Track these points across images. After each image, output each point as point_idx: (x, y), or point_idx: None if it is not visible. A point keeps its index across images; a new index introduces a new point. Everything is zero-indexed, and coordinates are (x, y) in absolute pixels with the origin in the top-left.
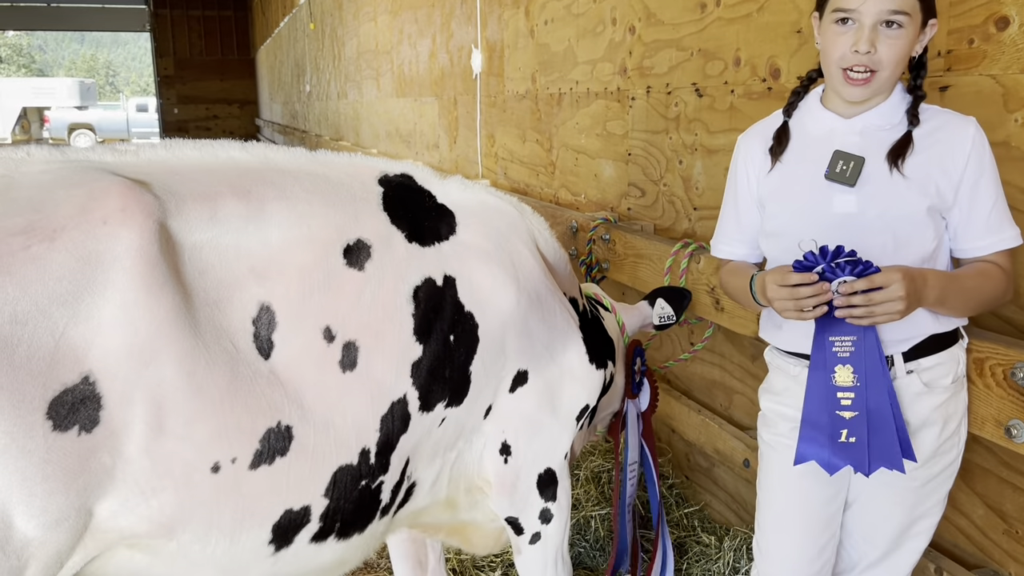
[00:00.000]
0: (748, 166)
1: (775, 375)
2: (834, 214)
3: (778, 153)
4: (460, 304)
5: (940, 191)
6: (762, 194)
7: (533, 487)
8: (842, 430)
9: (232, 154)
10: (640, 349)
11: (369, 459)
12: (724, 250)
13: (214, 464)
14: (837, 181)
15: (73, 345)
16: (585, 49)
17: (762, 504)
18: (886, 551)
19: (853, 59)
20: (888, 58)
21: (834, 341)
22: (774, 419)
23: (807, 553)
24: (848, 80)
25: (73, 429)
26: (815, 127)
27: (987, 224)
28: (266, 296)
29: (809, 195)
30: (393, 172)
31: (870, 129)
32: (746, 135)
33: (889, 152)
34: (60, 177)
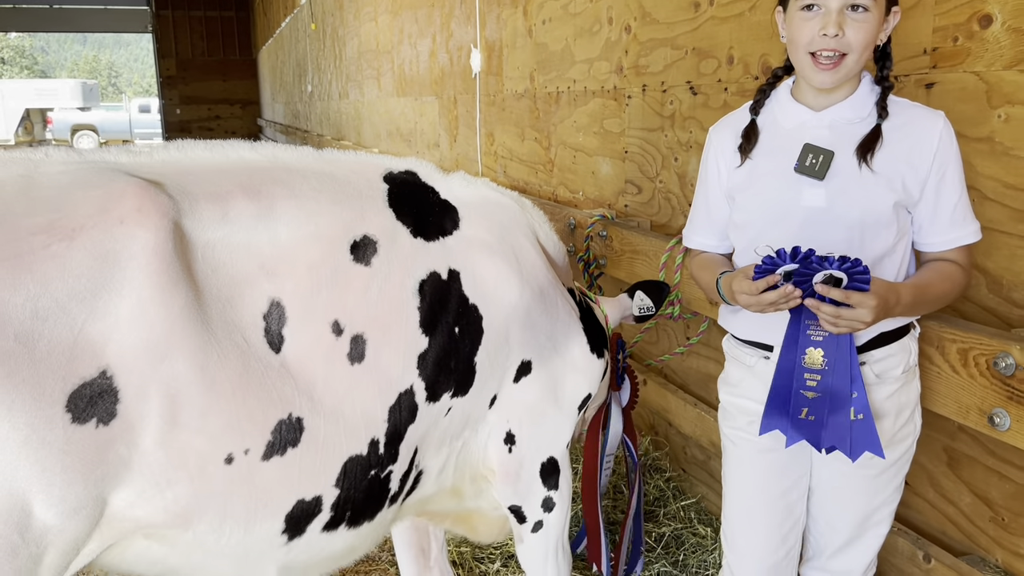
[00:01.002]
0: (719, 158)
1: (731, 365)
2: (803, 207)
3: (747, 150)
4: (465, 297)
5: (907, 186)
6: (732, 186)
7: (536, 476)
8: (803, 408)
9: (242, 154)
10: (622, 342)
11: (378, 449)
12: (695, 240)
13: (227, 456)
14: (806, 174)
15: (91, 340)
16: (582, 48)
17: (726, 496)
18: (849, 537)
19: (821, 43)
20: (856, 41)
21: (810, 324)
22: (733, 412)
23: (771, 542)
24: (818, 65)
25: (91, 422)
26: (785, 120)
27: (952, 219)
28: (276, 292)
29: (778, 188)
30: (398, 169)
31: (839, 122)
32: (717, 127)
33: (858, 147)
34: (78, 178)
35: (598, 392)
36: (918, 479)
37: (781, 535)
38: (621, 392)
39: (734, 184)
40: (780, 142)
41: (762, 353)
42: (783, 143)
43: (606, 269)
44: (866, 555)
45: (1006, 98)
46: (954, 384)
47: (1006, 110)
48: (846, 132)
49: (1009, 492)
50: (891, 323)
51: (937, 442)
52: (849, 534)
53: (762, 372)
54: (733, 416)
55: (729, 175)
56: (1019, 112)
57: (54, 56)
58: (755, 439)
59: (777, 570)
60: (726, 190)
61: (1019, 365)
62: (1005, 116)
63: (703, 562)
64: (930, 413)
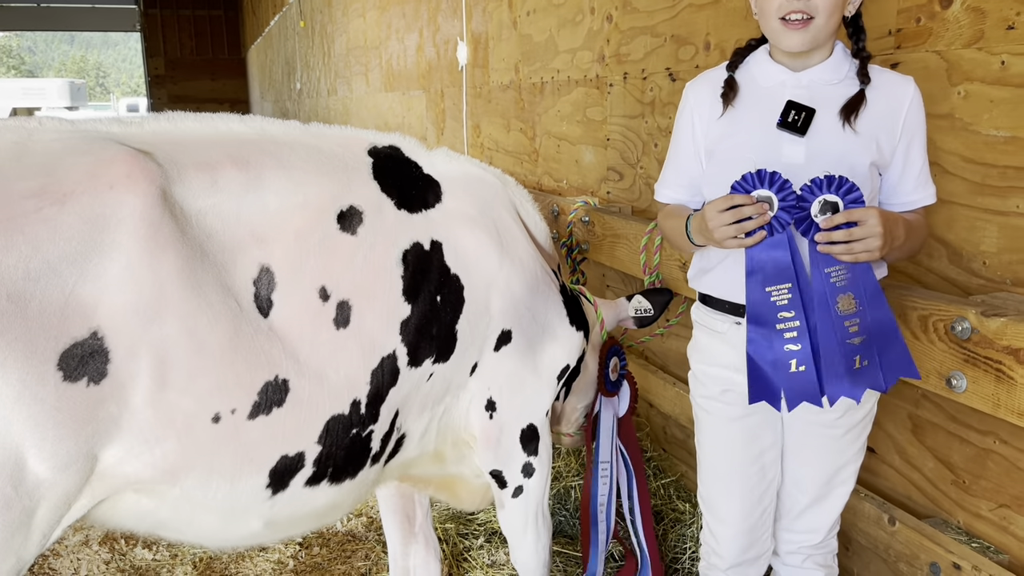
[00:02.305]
0: (694, 112)
1: (701, 333)
2: (782, 163)
3: (730, 99)
4: (446, 267)
5: (881, 147)
6: (710, 140)
7: (516, 441)
8: (855, 357)
9: (231, 126)
10: (617, 349)
11: (360, 409)
12: (665, 194)
13: (215, 415)
14: (788, 130)
15: (82, 302)
16: (565, 38)
17: (701, 463)
18: (815, 497)
19: (789, 6)
20: (822, 4)
21: (829, 273)
22: (704, 380)
23: (748, 504)
24: (787, 26)
25: (82, 380)
26: (764, 79)
27: (918, 179)
28: (266, 258)
29: (759, 142)
30: (382, 144)
31: (817, 84)
32: (693, 83)
33: (843, 108)
34: (70, 145)
35: (584, 391)
36: (884, 446)
37: (757, 496)
38: (619, 398)
39: (712, 137)
40: (760, 98)
41: (733, 318)
42: (763, 99)
43: (588, 254)
44: (831, 514)
45: (965, 75)
46: (916, 350)
47: (965, 87)
48: (824, 93)
49: (969, 455)
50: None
51: (902, 410)
52: (815, 493)
53: (734, 338)
54: (704, 384)
55: (707, 129)
56: (977, 89)
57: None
58: (728, 407)
59: (754, 530)
60: (703, 145)
61: (974, 329)
62: (964, 93)
63: (681, 536)
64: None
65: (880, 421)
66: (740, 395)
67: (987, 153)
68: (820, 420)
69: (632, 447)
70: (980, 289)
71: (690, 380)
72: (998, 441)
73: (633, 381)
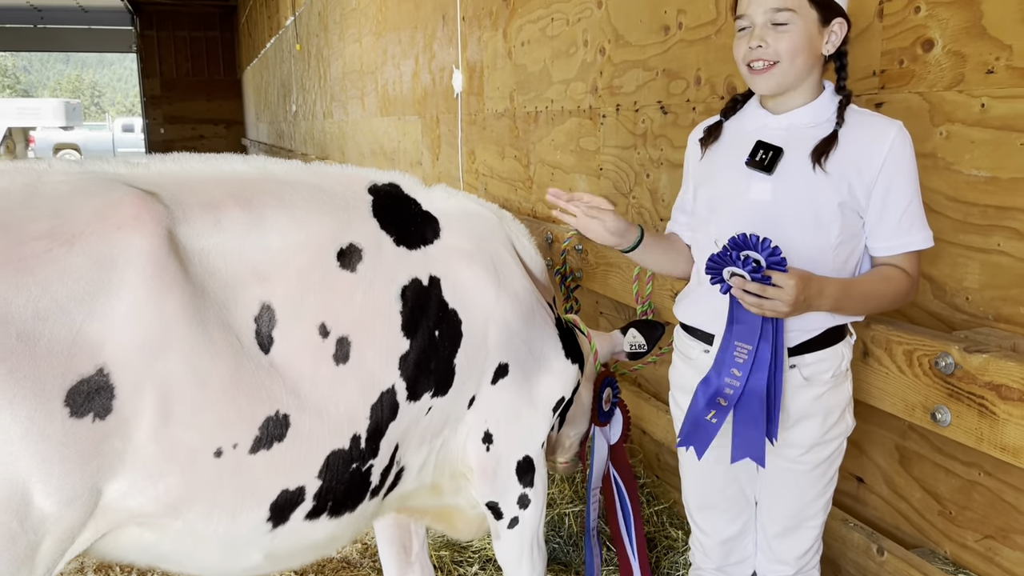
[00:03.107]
0: (692, 155)
1: (677, 358)
2: (750, 200)
3: (708, 143)
4: (444, 302)
5: (852, 190)
6: (696, 182)
7: (512, 473)
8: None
9: (235, 166)
10: (611, 380)
11: (360, 444)
12: (670, 225)
13: (217, 449)
14: (756, 168)
15: (89, 339)
16: (559, 69)
17: (683, 480)
18: (784, 528)
19: (750, 55)
20: (782, 48)
21: (737, 345)
22: (682, 404)
23: (725, 517)
24: (752, 72)
25: (88, 416)
26: (748, 123)
27: (898, 226)
28: (267, 296)
29: (730, 181)
30: (381, 182)
31: (796, 126)
32: (696, 129)
33: (813, 150)
34: (79, 186)
35: (577, 421)
36: (873, 476)
37: (736, 512)
38: (611, 427)
39: (697, 179)
40: (740, 140)
41: (703, 345)
42: (741, 142)
43: (582, 282)
44: (803, 543)
45: (946, 117)
46: (901, 383)
47: (947, 128)
48: (801, 135)
49: (955, 486)
50: (823, 322)
51: (889, 441)
52: (784, 524)
53: (701, 365)
54: (681, 409)
55: (695, 170)
56: (958, 130)
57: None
58: None
59: (736, 539)
60: (693, 185)
61: (958, 364)
62: (946, 133)
63: (674, 563)
64: (882, 412)
65: (867, 451)
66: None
67: (969, 192)
68: (785, 455)
69: (626, 473)
70: (963, 324)
71: (671, 404)
72: (982, 473)
73: (625, 408)
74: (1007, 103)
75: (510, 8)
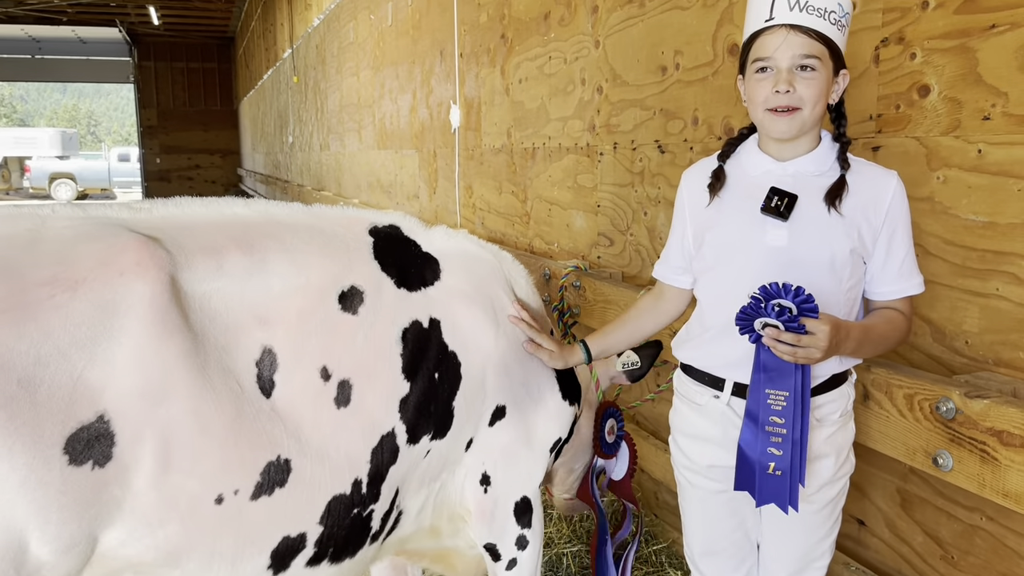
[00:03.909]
0: (691, 199)
1: (681, 403)
2: (766, 247)
3: (716, 189)
4: (444, 344)
5: (862, 236)
6: (698, 227)
7: (510, 515)
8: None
9: (236, 210)
10: (614, 411)
11: (361, 489)
12: (659, 271)
13: (218, 496)
14: (771, 215)
15: (90, 386)
16: (557, 107)
17: (686, 525)
18: (792, 570)
19: (775, 100)
20: (807, 95)
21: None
22: (689, 453)
23: (730, 564)
24: (773, 115)
25: (88, 463)
26: (752, 168)
27: (900, 271)
28: (268, 339)
29: (745, 227)
30: (382, 223)
31: (802, 174)
32: (690, 171)
33: (826, 194)
34: (82, 232)
35: (578, 453)
36: (874, 519)
37: (740, 559)
38: (617, 459)
39: (701, 223)
40: (746, 186)
41: (712, 391)
42: (749, 188)
43: (579, 318)
44: None
45: (943, 161)
46: (901, 427)
47: (944, 172)
48: (809, 183)
49: (957, 531)
50: (834, 366)
51: (891, 484)
52: (792, 567)
53: (712, 412)
54: (689, 458)
55: (697, 215)
56: (955, 175)
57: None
58: (713, 482)
59: None
60: (693, 230)
61: (959, 409)
62: (943, 178)
63: None
64: (883, 455)
65: (868, 494)
66: (725, 471)
67: (967, 236)
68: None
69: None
70: (964, 368)
71: (672, 448)
72: (984, 518)
73: (632, 442)
74: (1004, 149)
75: (508, 45)
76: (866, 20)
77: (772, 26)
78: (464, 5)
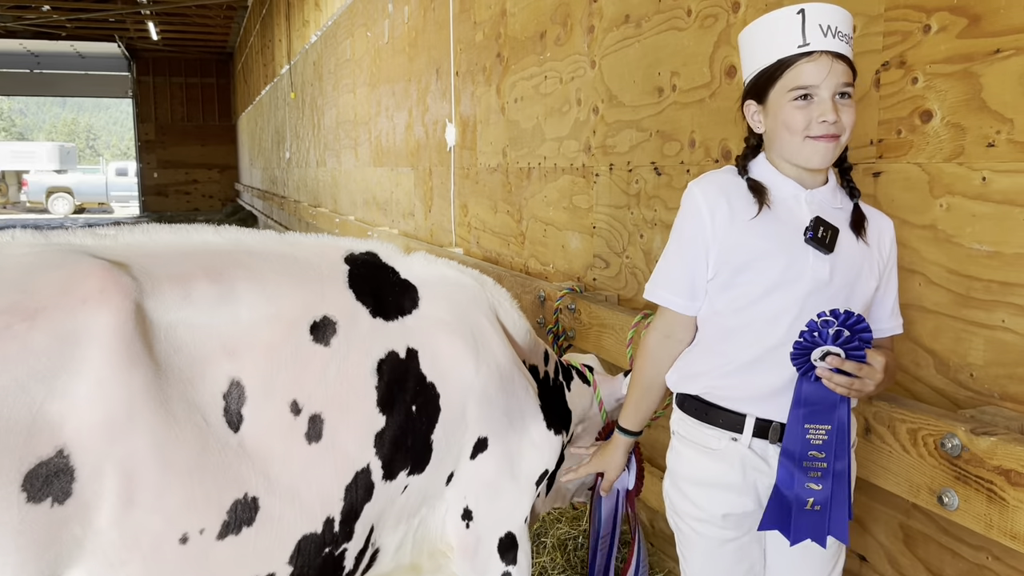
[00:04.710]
0: (711, 216)
1: (687, 448)
2: (811, 278)
3: (764, 198)
4: (422, 375)
5: (879, 269)
6: (725, 247)
7: (494, 551)
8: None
9: (205, 237)
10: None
11: (333, 528)
12: (665, 296)
13: (182, 535)
14: (815, 246)
15: (49, 419)
16: (552, 127)
17: (687, 562)
18: None
19: (821, 128)
20: (848, 123)
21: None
22: (701, 503)
23: None
24: (817, 142)
25: (46, 501)
26: (777, 190)
27: (894, 308)
28: (236, 372)
29: (790, 255)
30: (359, 251)
31: (825, 205)
32: (702, 184)
33: (851, 223)
34: (43, 259)
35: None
36: (876, 556)
37: None
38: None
39: (729, 244)
40: (777, 209)
41: (729, 434)
42: (781, 211)
43: (575, 342)
44: None
45: (946, 188)
46: (905, 463)
47: (947, 200)
48: (832, 214)
49: (962, 570)
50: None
51: (893, 519)
52: None
53: (731, 456)
54: (700, 508)
55: (724, 234)
56: (959, 202)
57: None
58: (724, 531)
59: None
60: (715, 250)
61: (964, 446)
62: (946, 206)
63: None
64: (884, 490)
65: (870, 528)
66: (740, 519)
67: (971, 266)
68: None
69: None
70: (968, 401)
71: (675, 497)
72: (991, 557)
73: (640, 459)
74: (1010, 177)
75: (503, 65)
76: (867, 43)
77: (811, 52)
78: (460, 24)
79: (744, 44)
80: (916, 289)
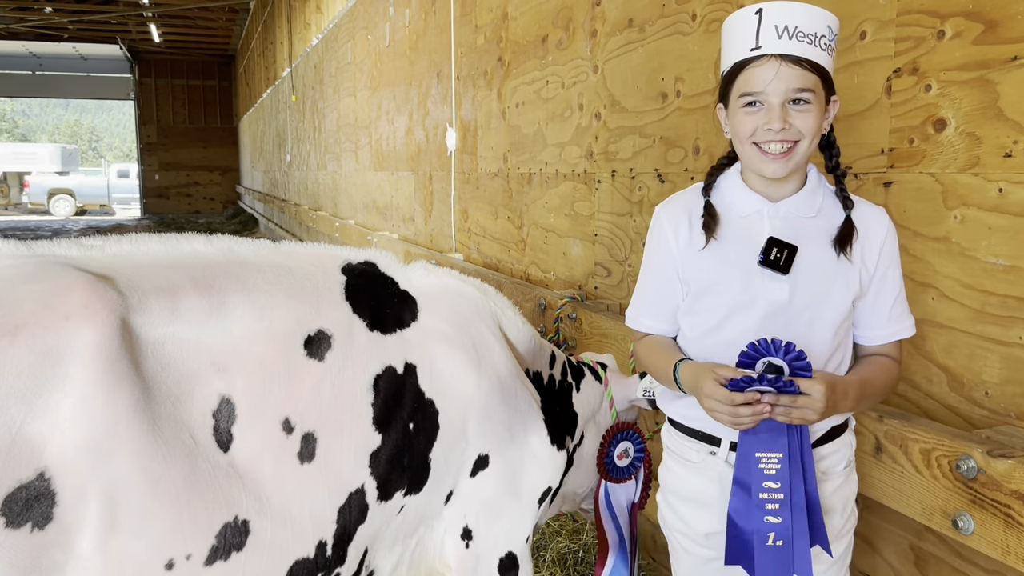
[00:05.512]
0: (674, 239)
1: (673, 461)
2: (765, 300)
3: (712, 230)
4: (420, 392)
5: (861, 281)
6: (687, 270)
7: (494, 572)
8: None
9: (196, 247)
10: (630, 433)
11: (326, 551)
12: (644, 323)
13: (168, 561)
14: (770, 268)
15: (30, 441)
16: (554, 132)
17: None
18: None
19: (767, 135)
20: (805, 128)
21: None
22: (685, 517)
23: None
24: (766, 155)
25: (26, 526)
26: (739, 207)
27: (890, 314)
28: (226, 389)
29: (745, 280)
30: (356, 260)
31: (795, 216)
32: (667, 206)
33: (835, 240)
34: (25, 272)
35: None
36: None
37: None
38: (630, 487)
39: (690, 267)
40: (738, 228)
41: (708, 447)
42: (740, 231)
43: (576, 351)
44: None
45: (961, 200)
46: (918, 485)
47: (961, 211)
48: (803, 226)
49: None
50: (836, 418)
51: (903, 540)
52: None
53: (709, 470)
54: (685, 522)
55: (684, 256)
56: (974, 214)
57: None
58: (710, 550)
59: None
60: (681, 274)
61: (981, 468)
62: (961, 217)
63: None
64: (896, 513)
65: (879, 549)
66: (721, 538)
67: (986, 280)
68: None
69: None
70: (983, 420)
71: (663, 508)
72: None
73: (649, 467)
74: None
75: (504, 68)
76: (877, 49)
77: (760, 56)
78: (461, 27)
79: (722, 43)
80: (929, 303)
